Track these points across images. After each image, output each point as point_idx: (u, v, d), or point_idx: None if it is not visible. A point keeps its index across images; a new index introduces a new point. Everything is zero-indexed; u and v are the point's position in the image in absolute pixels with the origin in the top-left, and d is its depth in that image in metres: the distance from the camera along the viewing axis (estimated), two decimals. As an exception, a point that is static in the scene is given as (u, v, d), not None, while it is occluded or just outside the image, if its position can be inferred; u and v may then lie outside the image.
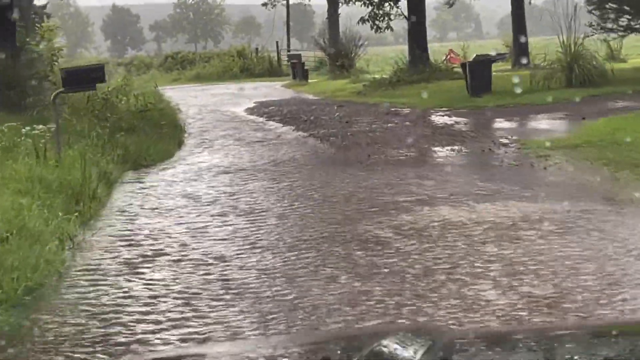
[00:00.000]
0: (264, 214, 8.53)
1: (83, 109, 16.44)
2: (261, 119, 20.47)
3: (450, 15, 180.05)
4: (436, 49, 57.60)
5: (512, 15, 35.03)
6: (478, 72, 19.86)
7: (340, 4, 47.11)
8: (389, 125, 16.51)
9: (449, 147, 12.67)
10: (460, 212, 7.96)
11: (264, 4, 52.83)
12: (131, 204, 9.50)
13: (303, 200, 9.11)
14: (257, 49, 50.45)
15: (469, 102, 19.51)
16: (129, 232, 8.02)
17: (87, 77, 10.26)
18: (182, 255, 7.02)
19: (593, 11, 26.75)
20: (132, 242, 7.58)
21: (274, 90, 35.07)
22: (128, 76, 27.28)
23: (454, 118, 17.08)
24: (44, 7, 51.61)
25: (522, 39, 34.22)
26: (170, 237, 7.72)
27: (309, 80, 37.88)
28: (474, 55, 52.47)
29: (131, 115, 17.81)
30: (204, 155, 13.69)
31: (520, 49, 33.78)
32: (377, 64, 53.89)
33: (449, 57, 42.35)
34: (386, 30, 31.90)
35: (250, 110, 23.67)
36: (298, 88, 34.32)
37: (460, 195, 8.80)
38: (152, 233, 7.94)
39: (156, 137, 15.18)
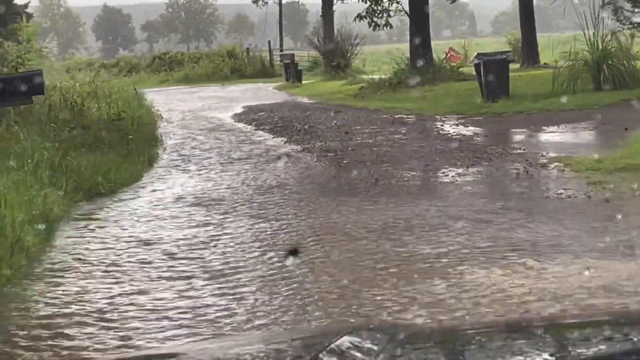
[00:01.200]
0: (239, 277, 6.21)
1: (40, 120, 14.14)
2: (249, 128, 18.17)
3: (443, 13, 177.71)
4: (433, 48, 55.27)
5: (519, 10, 32.70)
6: (494, 73, 17.54)
7: (335, 1, 44.85)
8: (396, 137, 14.19)
9: (474, 169, 10.34)
10: (517, 278, 5.63)
11: (255, 1, 50.47)
12: (69, 257, 7.17)
13: (294, 254, 6.78)
14: (248, 48, 48.11)
15: (484, 108, 17.21)
16: (48, 312, 5.69)
17: (17, 88, 7.89)
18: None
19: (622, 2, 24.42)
20: (50, 333, 5.25)
21: (266, 92, 32.72)
22: (98, 79, 24.97)
23: (471, 128, 14.77)
24: (25, 6, 49.16)
25: (532, 36, 31.96)
26: (103, 322, 5.39)
27: (303, 82, 35.59)
28: (475, 53, 49.93)
29: (101, 126, 15.57)
30: (177, 179, 11.36)
31: (529, 47, 31.51)
32: (373, 63, 51.72)
33: (448, 55, 40.04)
34: (385, 27, 29.58)
35: (238, 117, 21.36)
36: (291, 90, 32.00)
37: (509, 247, 6.48)
38: (79, 312, 5.62)
39: (125, 153, 12.86)
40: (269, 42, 47.22)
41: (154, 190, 10.33)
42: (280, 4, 54.60)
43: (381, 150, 12.61)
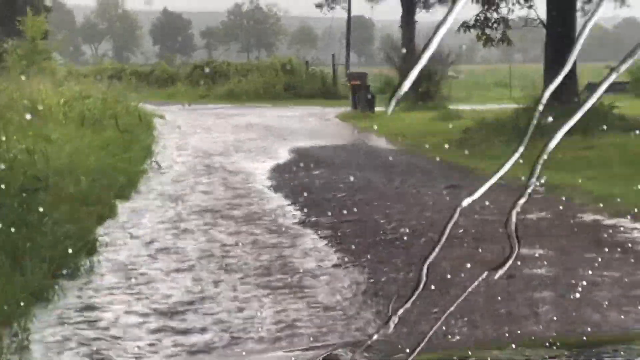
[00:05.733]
0: None
1: None
2: (292, 213, 9.61)
3: (515, 36, 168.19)
4: (519, 72, 46.16)
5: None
6: None
7: (418, 9, 36.26)
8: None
9: None
10: None
11: (319, 6, 42.02)
12: None
13: None
14: (307, 62, 39.48)
15: None
16: None
17: None
18: None
19: None
20: None
21: (326, 124, 24.05)
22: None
23: None
24: (43, -2, 41.32)
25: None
26: None
27: (376, 110, 26.82)
28: (586, 82, 39.33)
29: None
30: None
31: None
32: (458, 88, 42.57)
33: (551, 83, 30.79)
34: (500, 42, 20.71)
35: (278, 175, 12.86)
36: (361, 123, 23.25)
37: None
38: None
39: None
40: (333, 55, 38.58)
41: None
42: (349, 12, 46.09)
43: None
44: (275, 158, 15.30)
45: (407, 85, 1.00)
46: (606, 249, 7.15)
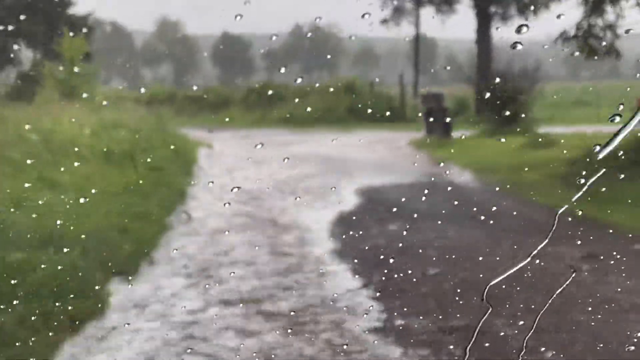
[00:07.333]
0: None
1: None
2: (363, 302, 6.43)
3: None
4: (588, 89, 42.31)
5: None
6: None
7: (493, 20, 32.90)
8: None
9: None
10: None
11: (384, 21, 38.95)
12: None
13: None
14: (372, 83, 36.36)
15: None
16: None
17: None
18: None
19: None
20: None
21: (398, 154, 20.77)
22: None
23: None
24: (86, 17, 38.93)
25: None
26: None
27: (452, 135, 23.49)
28: None
29: None
30: None
31: None
32: (536, 108, 39.00)
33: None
34: (606, 55, 17.22)
35: (343, 229, 9.76)
36: (437, 152, 19.93)
37: None
38: None
39: None
40: (401, 75, 35.34)
41: None
42: (417, 27, 42.88)
43: None
44: (338, 203, 12.13)
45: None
46: None
